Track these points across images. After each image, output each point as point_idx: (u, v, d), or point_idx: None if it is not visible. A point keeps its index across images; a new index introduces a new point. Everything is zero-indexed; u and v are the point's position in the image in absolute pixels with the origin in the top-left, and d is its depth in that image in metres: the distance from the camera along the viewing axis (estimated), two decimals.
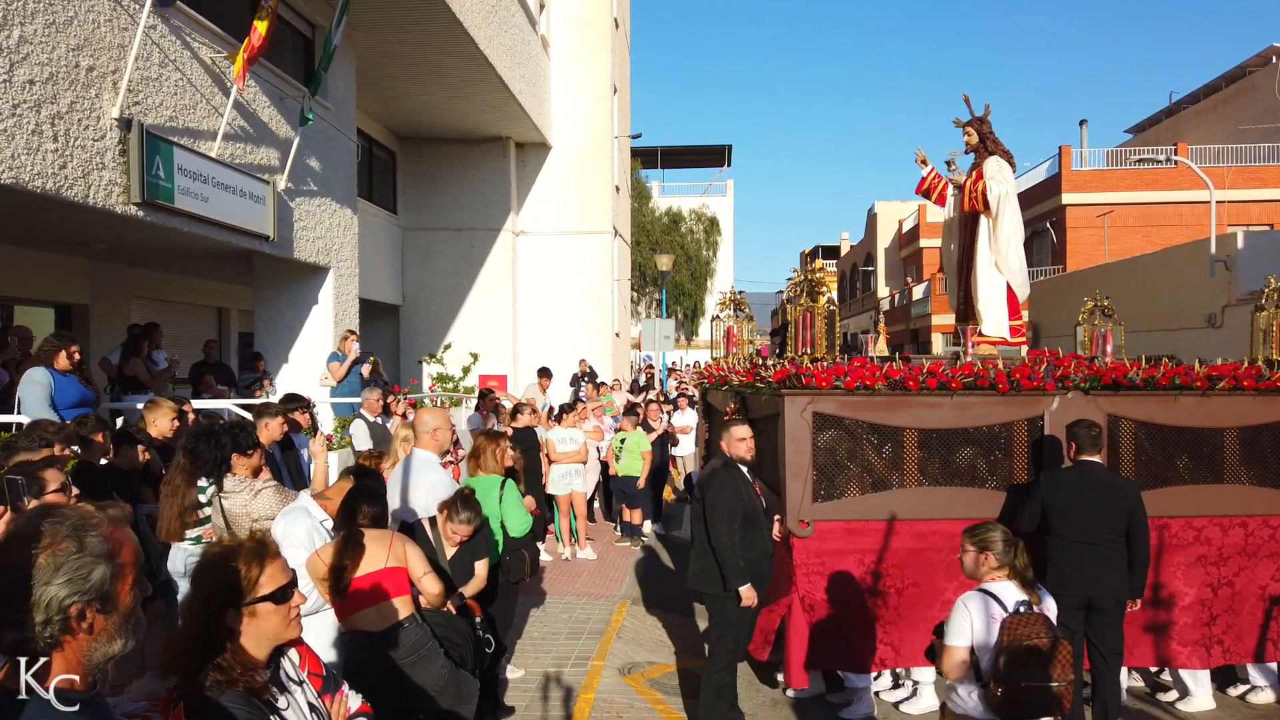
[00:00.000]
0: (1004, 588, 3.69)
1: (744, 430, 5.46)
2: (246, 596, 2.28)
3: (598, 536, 11.16)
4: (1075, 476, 5.31)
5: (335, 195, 11.34)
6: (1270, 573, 6.01)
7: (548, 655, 6.65)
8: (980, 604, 3.66)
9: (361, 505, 4.10)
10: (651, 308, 41.69)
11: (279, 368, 11.20)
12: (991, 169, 6.88)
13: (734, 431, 5.46)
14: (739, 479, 5.36)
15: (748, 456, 5.43)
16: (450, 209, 17.93)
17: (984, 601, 3.66)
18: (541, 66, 18.00)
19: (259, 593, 2.29)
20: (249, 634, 2.28)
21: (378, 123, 16.56)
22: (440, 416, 5.61)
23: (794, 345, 5.86)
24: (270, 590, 2.31)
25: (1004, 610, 3.60)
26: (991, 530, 3.81)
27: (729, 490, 5.27)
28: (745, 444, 5.43)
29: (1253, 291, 13.63)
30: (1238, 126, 27.99)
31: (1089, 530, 5.18)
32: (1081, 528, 5.18)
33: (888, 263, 45.62)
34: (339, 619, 4.00)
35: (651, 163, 46.98)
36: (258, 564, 2.32)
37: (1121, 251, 24.11)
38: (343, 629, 4.04)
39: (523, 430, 9.51)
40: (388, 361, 16.48)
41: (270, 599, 2.31)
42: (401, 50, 12.91)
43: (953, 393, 5.72)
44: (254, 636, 2.29)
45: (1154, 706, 6.12)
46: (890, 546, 5.70)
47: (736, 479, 5.34)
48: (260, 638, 2.31)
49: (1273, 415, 6.04)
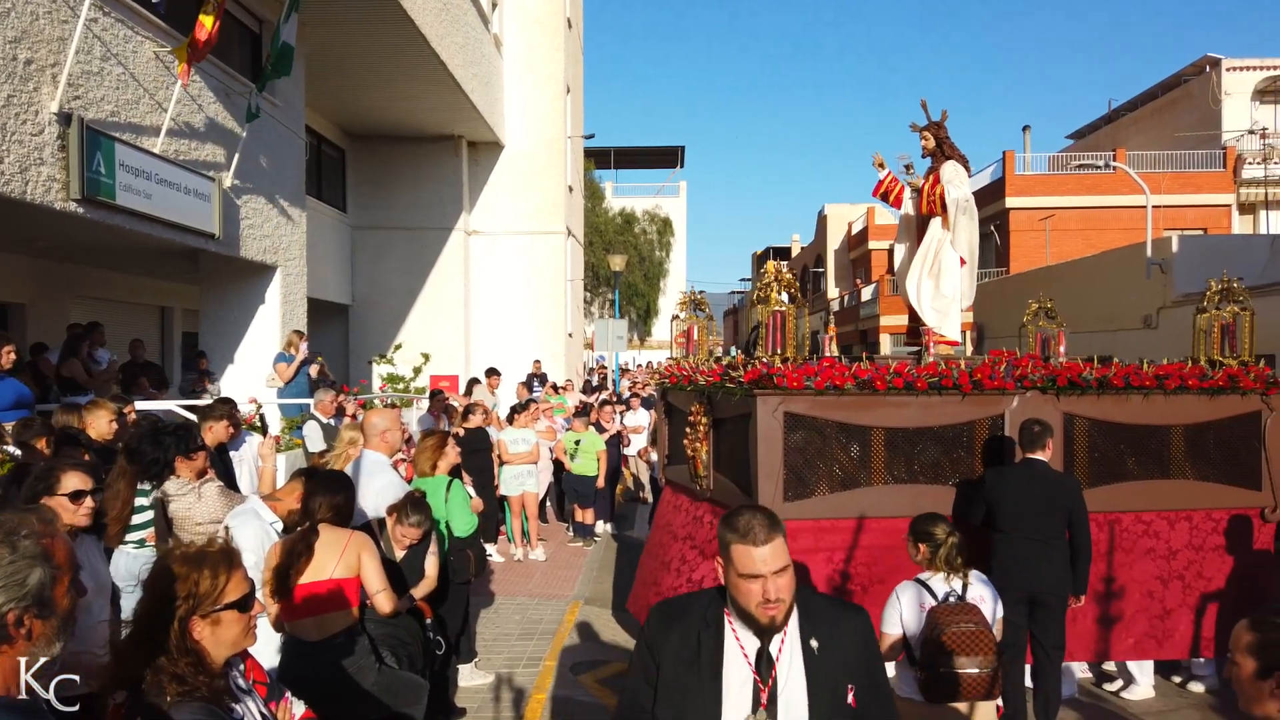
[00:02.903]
0: (936, 578, 3.83)
1: None
2: (212, 604, 2.22)
3: (550, 537, 11.16)
4: (1018, 474, 5.45)
5: (283, 193, 11.18)
6: (1217, 565, 6.24)
7: (500, 656, 6.65)
8: (912, 594, 3.81)
9: (323, 497, 4.04)
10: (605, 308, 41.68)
11: (224, 368, 11.01)
12: (948, 173, 7.01)
13: None
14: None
15: None
16: (402, 208, 17.76)
17: (916, 591, 3.80)
18: (494, 65, 17.92)
19: (225, 600, 2.24)
20: (209, 642, 2.23)
21: (327, 120, 16.35)
22: (390, 417, 5.57)
23: (765, 346, 5.91)
24: (236, 598, 2.27)
25: (934, 600, 3.73)
26: (930, 524, 3.93)
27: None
28: None
29: (1188, 294, 14.09)
30: (1174, 134, 28.86)
31: (1031, 526, 5.31)
32: (1024, 524, 5.32)
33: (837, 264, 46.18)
34: (283, 620, 3.95)
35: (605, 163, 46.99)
36: (225, 570, 2.27)
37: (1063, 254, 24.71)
38: (284, 634, 4.00)
39: (474, 431, 9.48)
40: (337, 362, 16.29)
41: (235, 607, 2.26)
42: (352, 47, 12.77)
43: (919, 392, 5.84)
44: (213, 645, 2.23)
45: (1100, 696, 6.32)
46: (858, 544, 5.79)
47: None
48: (219, 646, 2.25)
49: (1216, 413, 6.28)
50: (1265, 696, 1.85)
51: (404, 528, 4.67)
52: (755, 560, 2.20)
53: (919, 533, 3.93)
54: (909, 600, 3.79)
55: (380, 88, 14.75)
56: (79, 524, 3.56)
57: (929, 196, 7.11)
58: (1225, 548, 6.29)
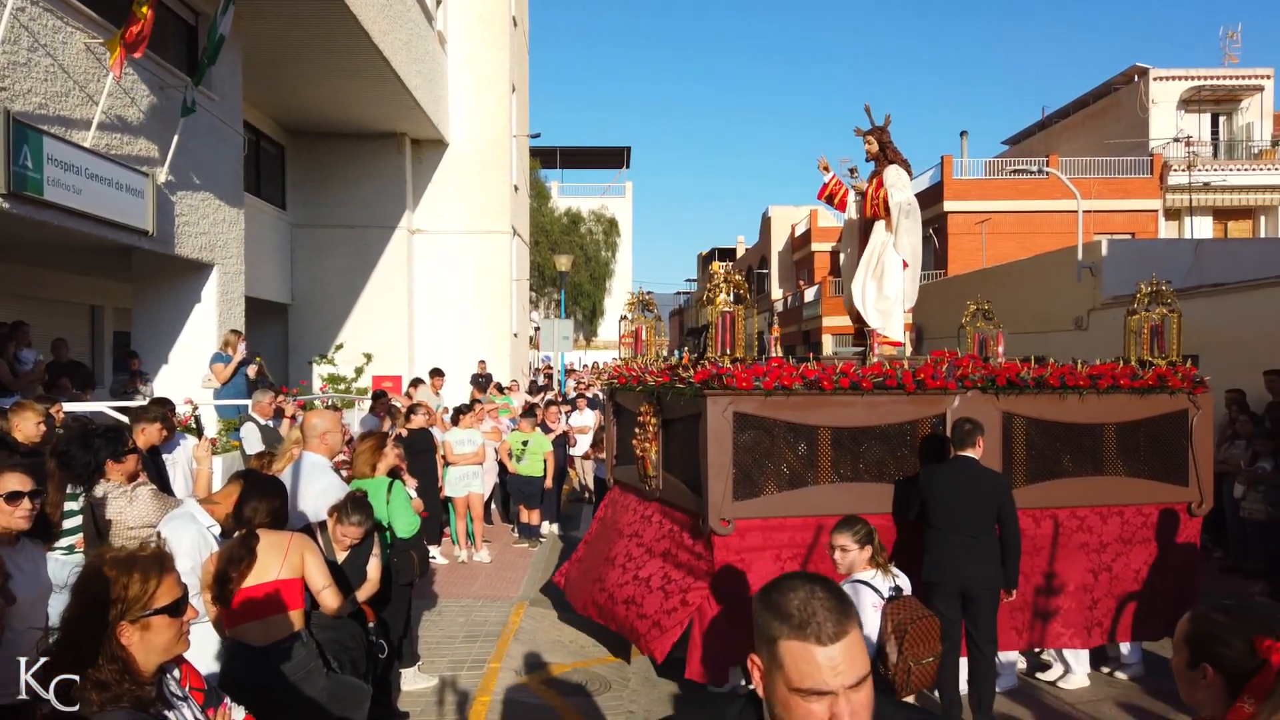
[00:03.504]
0: (874, 576, 3.89)
1: None
2: (142, 608, 2.18)
3: (495, 539, 11.09)
4: (948, 471, 5.59)
5: (220, 190, 10.92)
6: (1143, 558, 6.48)
7: (443, 659, 6.59)
8: (866, 596, 3.84)
9: (259, 502, 3.97)
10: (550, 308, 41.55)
11: (158, 368, 10.72)
12: (892, 177, 7.14)
13: None
14: None
15: None
16: (343, 206, 17.48)
17: (865, 593, 3.84)
18: (439, 63, 17.75)
19: (156, 605, 2.20)
20: (138, 648, 2.18)
21: (266, 115, 16.02)
22: (331, 419, 5.49)
23: (715, 346, 5.96)
24: (167, 603, 2.22)
25: (880, 598, 3.79)
26: (864, 524, 4.00)
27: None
28: None
29: (1116, 296, 14.55)
30: (1104, 141, 29.78)
31: (961, 522, 5.45)
32: (954, 520, 5.45)
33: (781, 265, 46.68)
34: (226, 626, 3.87)
35: (551, 163, 46.88)
36: (156, 575, 2.22)
37: (998, 257, 25.32)
38: (226, 638, 3.92)
39: (417, 432, 9.38)
40: (276, 362, 15.97)
41: (166, 612, 2.22)
42: (292, 41, 12.53)
43: (864, 392, 5.95)
44: (143, 651, 2.19)
45: (1036, 685, 6.49)
46: (806, 542, 5.87)
47: None
48: (150, 652, 2.20)
49: (1146, 412, 6.53)
50: (1193, 685, 1.94)
51: (345, 527, 4.60)
52: (821, 668, 1.45)
53: (864, 536, 3.97)
54: (865, 603, 3.82)
55: (321, 83, 14.50)
56: (17, 527, 3.44)
57: (873, 200, 7.24)
58: (1154, 541, 6.53)
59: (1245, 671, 1.83)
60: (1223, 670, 1.87)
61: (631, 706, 6.04)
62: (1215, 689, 1.89)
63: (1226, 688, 1.87)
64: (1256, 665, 1.81)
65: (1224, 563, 9.85)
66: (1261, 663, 1.80)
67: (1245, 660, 1.84)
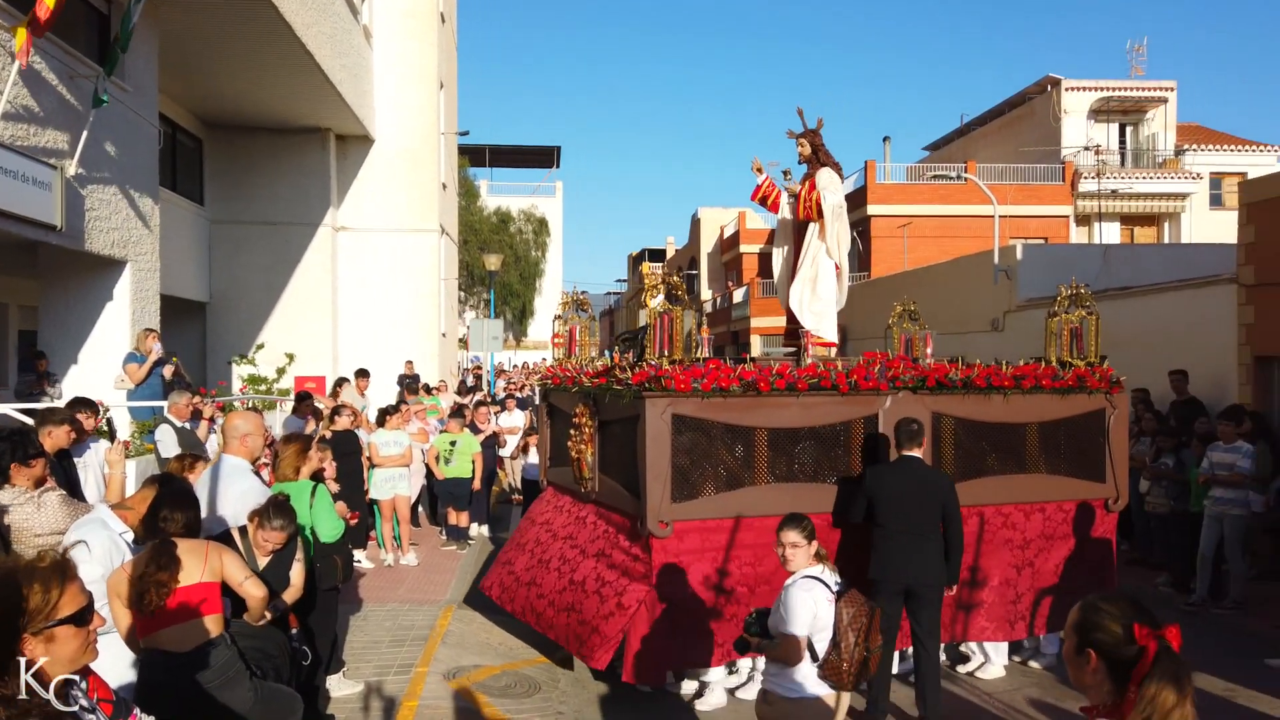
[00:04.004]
0: (822, 571, 3.96)
1: None
2: (44, 619, 2.09)
3: (422, 541, 10.95)
4: (896, 471, 5.70)
5: (134, 183, 10.54)
6: (1064, 552, 6.72)
7: (369, 665, 6.47)
8: (818, 592, 3.89)
9: (173, 512, 3.85)
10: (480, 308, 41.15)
11: (67, 369, 10.29)
12: (824, 180, 7.25)
13: None
14: None
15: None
16: (264, 201, 17.02)
17: (819, 588, 3.90)
18: (364, 57, 17.43)
19: (59, 615, 2.11)
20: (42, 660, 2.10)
21: (183, 108, 15.51)
22: (253, 421, 5.35)
23: (653, 347, 5.96)
24: (71, 612, 2.14)
25: (830, 592, 3.87)
26: (804, 522, 4.06)
27: None
28: None
29: (1030, 299, 15.06)
30: (1019, 148, 30.80)
31: (908, 521, 5.58)
32: (901, 518, 5.57)
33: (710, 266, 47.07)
34: (139, 635, 3.74)
35: (480, 161, 46.43)
36: (58, 584, 2.13)
37: (920, 260, 25.97)
38: (142, 647, 3.79)
39: (342, 434, 9.20)
40: (193, 362, 15.48)
41: (70, 621, 2.14)
42: (210, 31, 12.15)
43: (800, 393, 6.02)
44: (48, 663, 2.09)
45: (956, 676, 6.69)
46: (744, 543, 5.91)
47: None
48: (55, 664, 2.11)
49: (1066, 411, 6.77)
50: (1080, 670, 2.04)
51: (267, 532, 4.49)
52: None
53: (811, 532, 4.03)
54: (821, 597, 3.87)
55: (241, 76, 14.09)
56: None
57: (805, 202, 7.35)
58: (1073, 536, 6.78)
59: (1126, 658, 1.93)
60: (1105, 656, 1.97)
61: (561, 708, 6.03)
62: (1099, 674, 1.99)
63: (1109, 673, 1.97)
64: (1136, 652, 1.91)
65: (1130, 555, 10.30)
66: (1141, 649, 1.90)
67: (1125, 647, 1.94)
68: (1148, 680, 1.87)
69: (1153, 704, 1.85)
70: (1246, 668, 6.76)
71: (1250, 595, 8.41)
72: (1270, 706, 6.11)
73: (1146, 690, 1.86)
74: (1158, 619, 1.96)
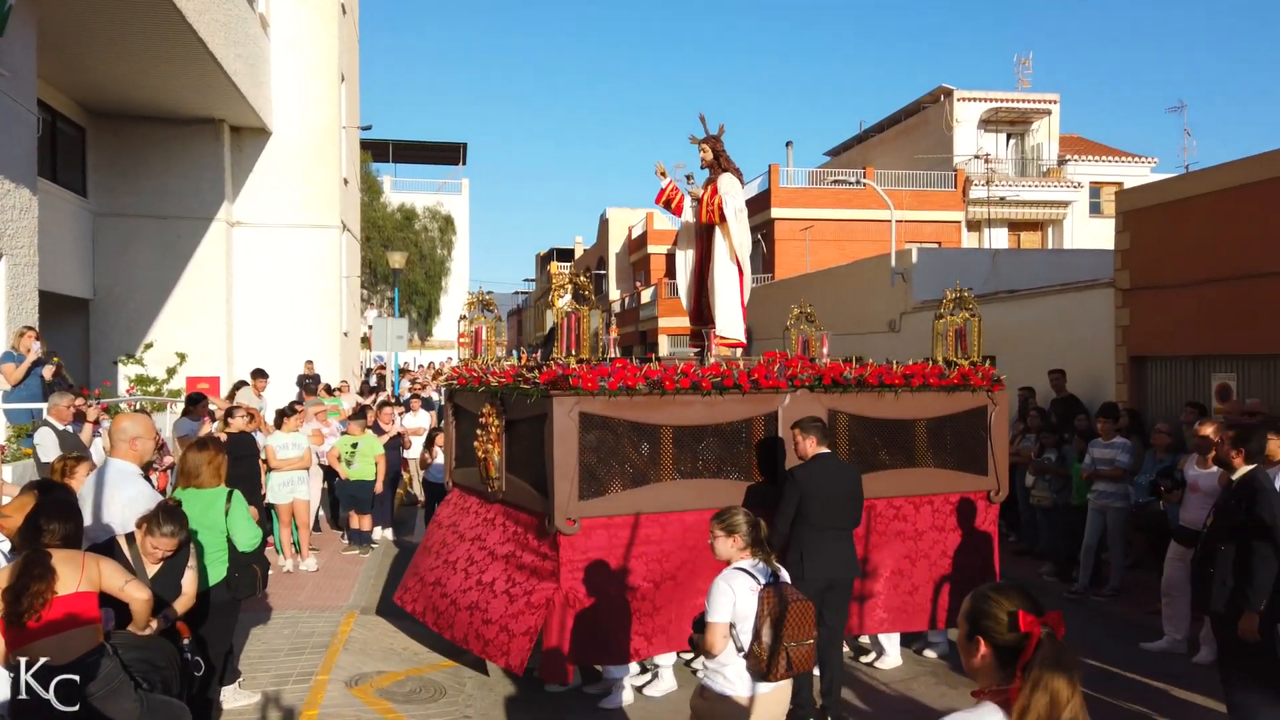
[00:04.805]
0: (754, 564, 4.02)
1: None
2: None
3: (323, 546, 10.67)
4: (819, 467, 5.82)
5: (9, 173, 9.95)
6: (954, 543, 7.01)
7: (267, 674, 6.28)
8: (738, 581, 3.94)
9: (51, 523, 3.67)
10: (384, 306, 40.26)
11: None
12: (725, 185, 7.41)
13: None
14: None
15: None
16: (153, 194, 16.27)
17: (741, 578, 3.96)
18: (261, 47, 16.85)
19: None
20: None
21: (64, 95, 14.70)
22: (142, 423, 5.14)
23: (560, 347, 5.98)
24: None
25: (758, 584, 3.93)
26: (737, 514, 4.12)
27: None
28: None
29: (925, 300, 15.62)
30: (914, 155, 31.92)
31: (834, 516, 5.73)
32: (829, 514, 5.71)
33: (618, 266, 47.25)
34: (9, 649, 3.53)
35: (383, 156, 45.40)
36: None
37: (821, 262, 26.63)
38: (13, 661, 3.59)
39: (238, 436, 8.89)
40: (76, 362, 14.70)
41: None
42: (95, 15, 11.56)
43: (704, 392, 6.13)
44: None
45: (855, 667, 6.89)
46: (650, 539, 5.97)
47: None
48: None
49: (952, 408, 7.09)
50: (970, 657, 2.15)
51: (156, 539, 4.31)
52: None
53: (729, 525, 4.08)
54: (739, 587, 3.92)
55: (128, 63, 13.43)
56: None
57: (708, 206, 7.48)
58: (960, 528, 7.09)
59: (1011, 645, 2.04)
60: (992, 643, 2.09)
61: (468, 711, 5.98)
62: (987, 661, 2.10)
63: (996, 660, 2.08)
64: (1020, 639, 2.02)
65: (1016, 546, 10.81)
66: (1025, 636, 2.01)
67: (1009, 634, 2.05)
68: (1030, 665, 1.98)
69: (1036, 688, 1.95)
70: (1125, 651, 7.19)
71: (1125, 583, 8.93)
72: (1147, 684, 6.54)
73: (1030, 675, 1.97)
74: (1041, 607, 2.08)
